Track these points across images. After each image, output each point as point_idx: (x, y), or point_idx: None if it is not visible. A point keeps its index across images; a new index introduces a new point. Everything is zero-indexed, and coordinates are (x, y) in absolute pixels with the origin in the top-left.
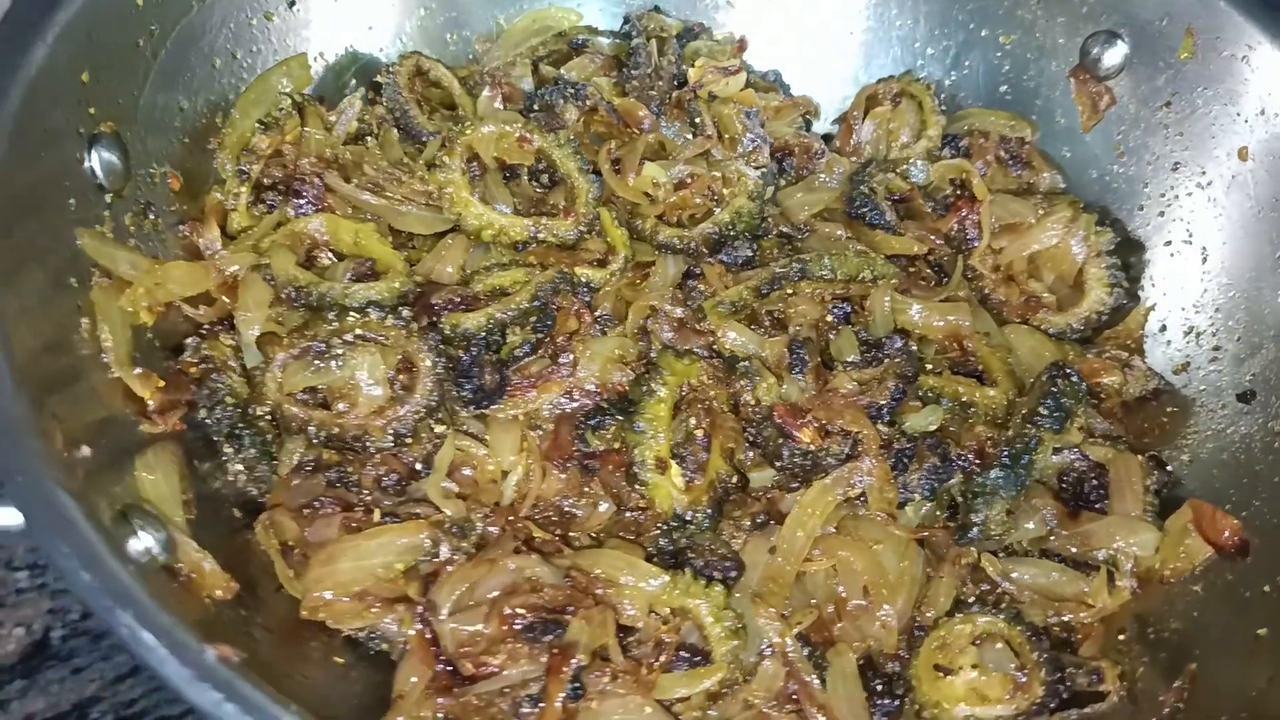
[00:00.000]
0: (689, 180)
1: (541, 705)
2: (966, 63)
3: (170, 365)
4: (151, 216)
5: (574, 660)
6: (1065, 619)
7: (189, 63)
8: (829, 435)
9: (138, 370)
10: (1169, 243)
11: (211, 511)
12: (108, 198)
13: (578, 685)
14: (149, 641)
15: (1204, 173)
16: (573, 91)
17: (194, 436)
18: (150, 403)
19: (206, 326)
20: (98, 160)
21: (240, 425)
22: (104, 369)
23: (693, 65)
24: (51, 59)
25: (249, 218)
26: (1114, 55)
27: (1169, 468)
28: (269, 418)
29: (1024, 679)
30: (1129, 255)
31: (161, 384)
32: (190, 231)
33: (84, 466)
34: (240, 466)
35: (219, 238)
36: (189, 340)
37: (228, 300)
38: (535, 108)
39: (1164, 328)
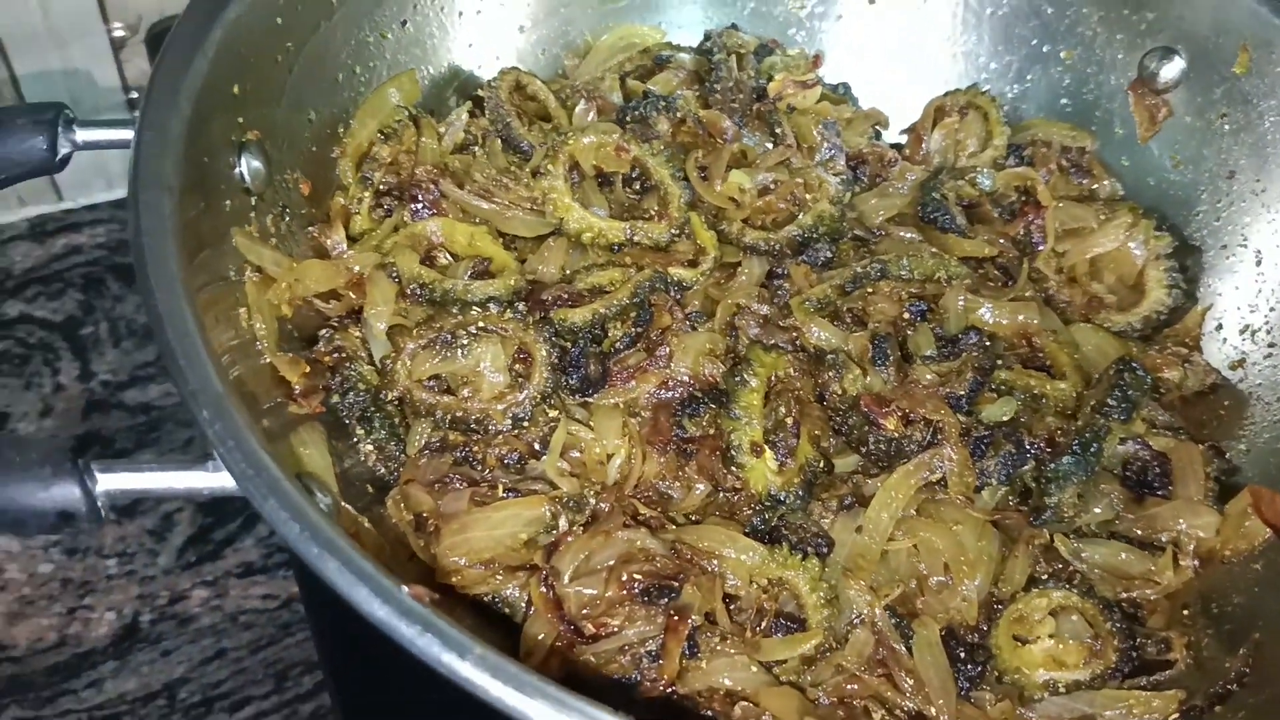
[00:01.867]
0: (773, 186)
1: (660, 661)
2: (1029, 77)
3: (306, 354)
4: (286, 219)
5: (690, 620)
6: (1133, 595)
7: (318, 78)
8: (911, 424)
9: (286, 355)
10: (1225, 246)
11: (346, 488)
12: (253, 200)
13: (693, 643)
14: (355, 582)
15: (1258, 180)
16: (664, 104)
17: (327, 420)
18: (296, 386)
19: (335, 320)
20: (246, 166)
21: (371, 409)
22: (258, 355)
23: (770, 79)
24: (211, 73)
25: (370, 221)
26: (1171, 70)
27: (1228, 456)
28: (396, 403)
29: (1099, 646)
30: (1186, 258)
31: (307, 369)
32: (319, 233)
33: (270, 437)
34: (371, 447)
35: (344, 239)
36: (323, 332)
37: (354, 296)
38: (629, 120)
39: (1220, 326)
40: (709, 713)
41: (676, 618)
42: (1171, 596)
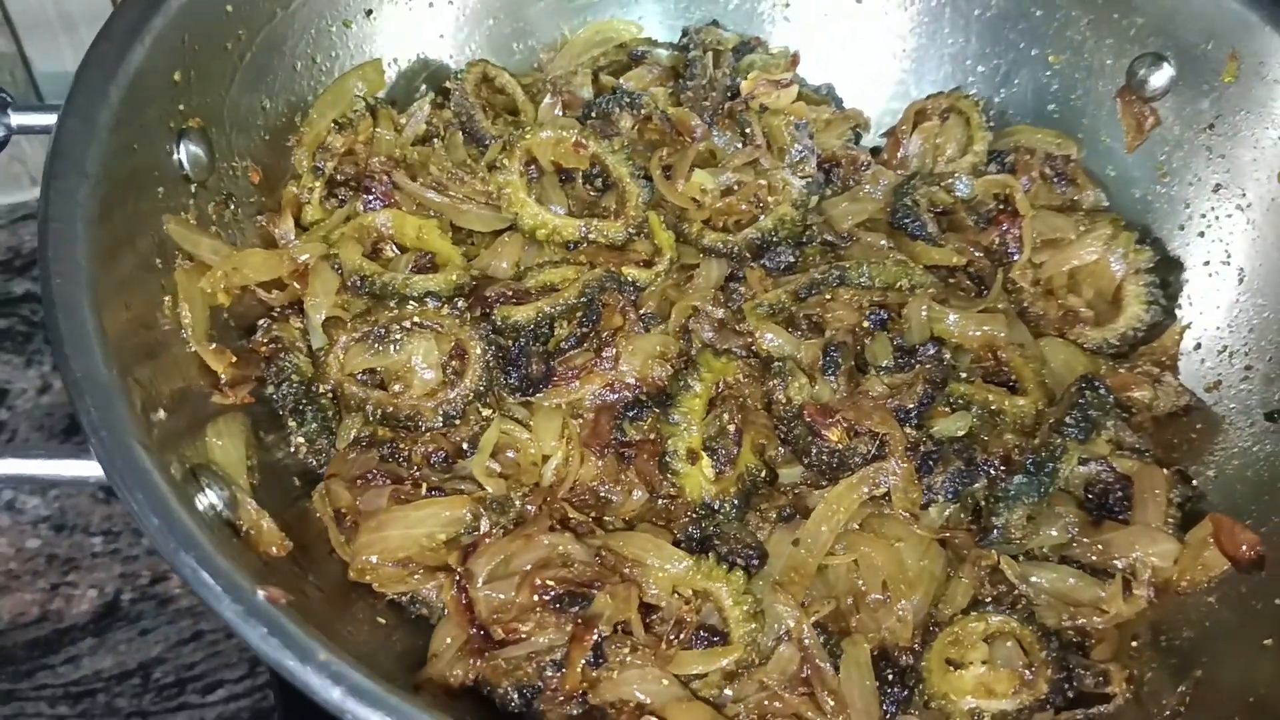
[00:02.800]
0: (735, 187)
1: (564, 670)
2: (1016, 81)
3: (243, 344)
4: (232, 207)
5: (596, 630)
6: (1080, 623)
7: (272, 66)
8: (857, 435)
9: (212, 345)
10: (1207, 263)
11: (273, 479)
12: (193, 188)
13: (599, 654)
14: (208, 581)
15: (1244, 195)
16: (628, 101)
17: (261, 410)
18: (223, 376)
19: (278, 309)
20: (185, 153)
21: (304, 401)
22: (183, 344)
23: (745, 78)
24: (149, 61)
25: (321, 211)
26: (1160, 77)
27: (1194, 482)
28: (330, 395)
29: (1031, 676)
30: (1168, 274)
31: (234, 359)
32: (267, 222)
33: (160, 428)
34: (302, 439)
35: (293, 229)
36: (261, 321)
37: (298, 286)
38: (593, 115)
39: (1198, 345)
40: None
41: (583, 627)
42: (1122, 626)
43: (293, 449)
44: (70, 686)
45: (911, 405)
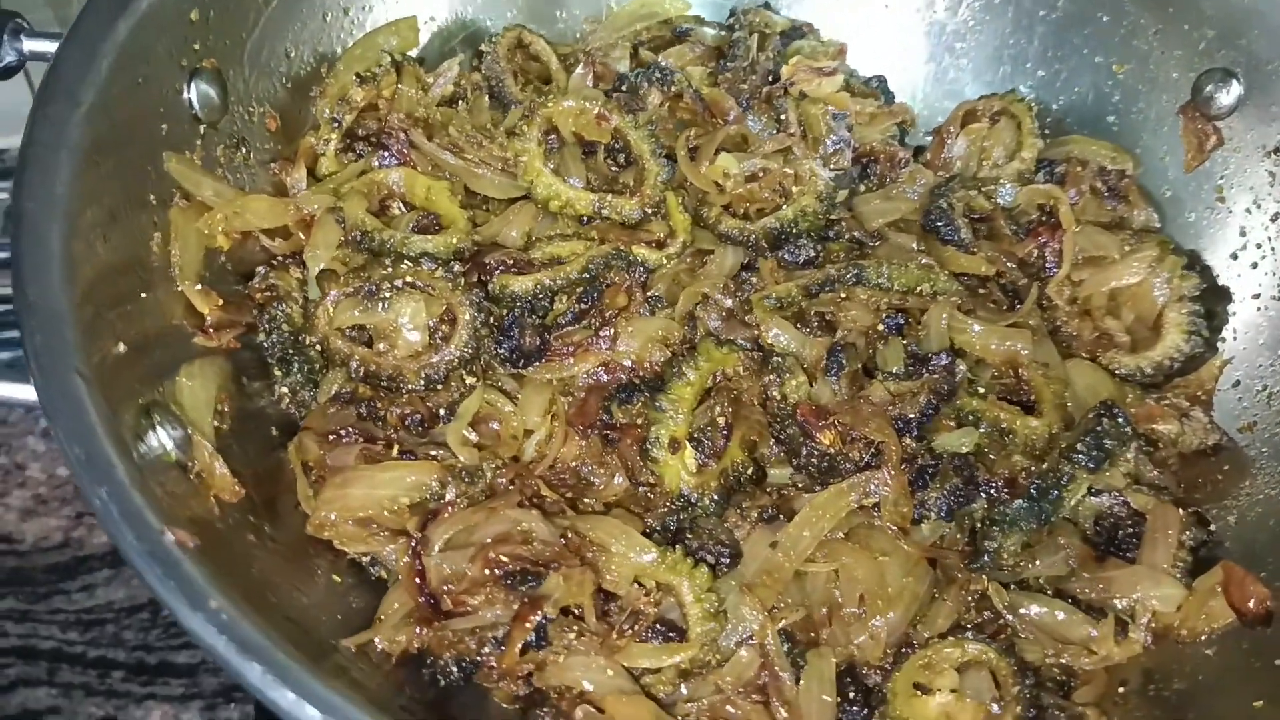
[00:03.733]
0: (761, 174)
1: (504, 648)
2: (1077, 88)
3: (239, 289)
4: (244, 151)
5: (541, 611)
6: (1066, 662)
7: (299, 13)
8: (851, 441)
9: (198, 287)
10: (1258, 295)
11: (253, 427)
12: (201, 128)
13: (541, 636)
14: (115, 516)
15: None
16: (659, 76)
17: (251, 357)
18: (208, 318)
19: (280, 258)
20: (196, 93)
21: (292, 351)
22: (170, 283)
23: (789, 63)
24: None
25: (337, 163)
26: (1227, 95)
27: (1212, 527)
28: (318, 348)
29: (998, 711)
30: (1216, 303)
31: (220, 302)
32: (280, 170)
33: (115, 362)
34: (286, 389)
35: (305, 178)
36: (260, 268)
37: (303, 236)
38: (623, 89)
39: (1238, 383)
40: (552, 711)
41: (528, 606)
42: (1112, 670)
43: (276, 398)
44: (82, 614)
45: (913, 415)
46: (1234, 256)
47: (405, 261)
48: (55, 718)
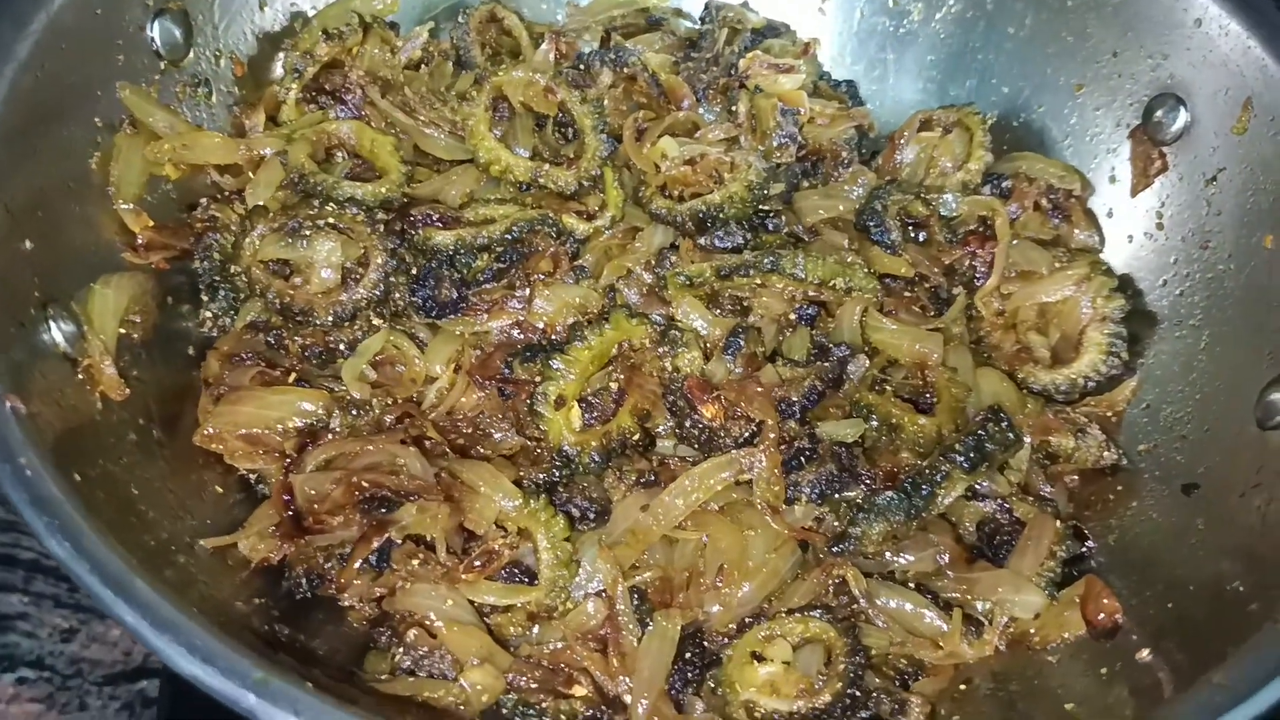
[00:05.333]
0: (698, 159)
1: (345, 564)
2: (1039, 106)
3: (183, 216)
4: (205, 91)
5: (386, 535)
6: (915, 654)
7: None
8: (735, 418)
9: (130, 207)
10: (1180, 323)
11: (171, 344)
12: (162, 64)
13: (383, 558)
14: None
15: (1229, 255)
16: (612, 58)
17: (184, 281)
18: (139, 237)
19: (227, 192)
20: (159, 31)
21: (219, 279)
22: (107, 200)
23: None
24: None
25: (297, 112)
26: (1175, 120)
27: (1090, 543)
28: (245, 279)
29: (820, 685)
30: (1142, 327)
31: (151, 224)
32: (241, 113)
33: (22, 256)
34: (210, 314)
35: (263, 123)
36: (203, 200)
37: (252, 175)
38: (578, 66)
39: (1148, 406)
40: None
41: (375, 528)
42: (960, 668)
43: (200, 321)
44: None
45: (796, 398)
46: (1164, 282)
47: (331, 204)
48: (24, 623)
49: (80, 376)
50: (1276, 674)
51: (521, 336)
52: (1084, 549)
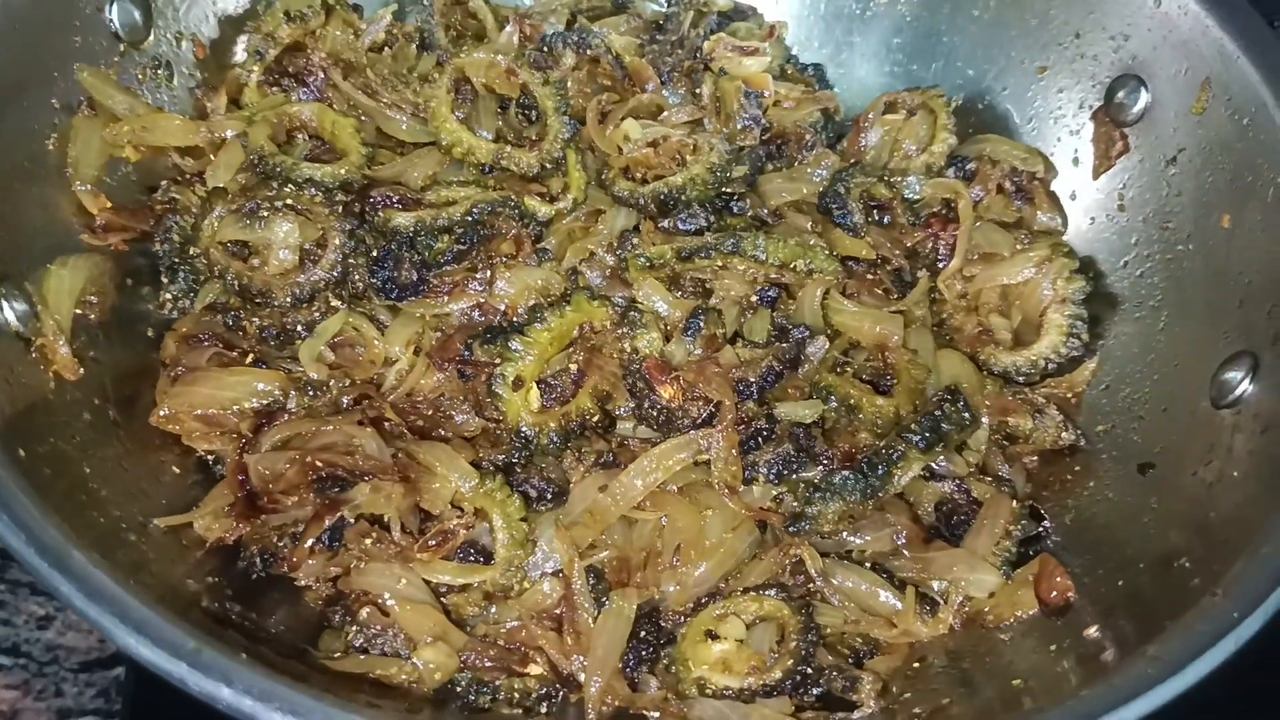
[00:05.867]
0: (661, 141)
1: (297, 543)
2: (1003, 89)
3: (143, 199)
4: (165, 74)
5: (339, 513)
6: (869, 632)
7: None
8: (693, 399)
9: (87, 188)
10: (1140, 304)
11: (130, 325)
12: (121, 47)
13: (335, 537)
14: None
15: (1188, 236)
16: (575, 40)
17: (144, 263)
18: (98, 219)
19: (188, 175)
20: (118, 13)
21: (179, 260)
22: (64, 182)
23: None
24: None
25: (259, 95)
26: (1137, 102)
27: (1046, 522)
28: (204, 261)
29: (771, 662)
30: (1103, 308)
31: (109, 205)
32: (203, 95)
33: None
34: (169, 296)
35: (225, 105)
36: (164, 182)
37: (214, 157)
38: (542, 48)
39: (1108, 387)
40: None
41: (328, 507)
42: (915, 646)
43: (160, 303)
44: None
45: (753, 379)
46: (1124, 264)
47: (291, 186)
48: (0, 611)
49: (33, 355)
50: (1209, 646)
51: (483, 318)
52: (1040, 529)
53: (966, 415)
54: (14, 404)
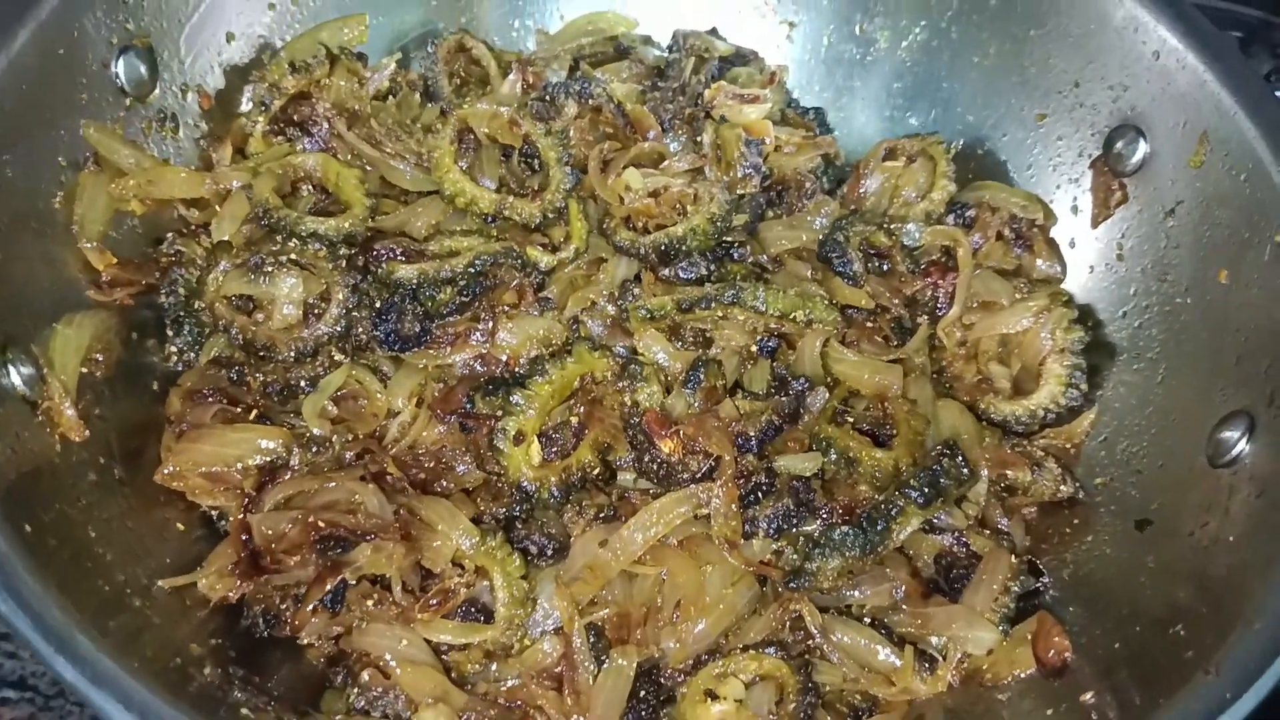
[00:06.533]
0: (662, 191)
1: (300, 605)
2: (1003, 135)
3: (149, 251)
4: (171, 126)
5: (340, 576)
6: (868, 690)
7: (246, 1)
8: (693, 452)
9: (92, 245)
10: (1138, 355)
11: (135, 380)
12: (127, 101)
13: (337, 598)
14: None
15: (1186, 289)
16: (577, 89)
17: (151, 316)
18: (104, 275)
19: (193, 226)
20: (124, 68)
21: (184, 314)
22: (70, 239)
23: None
24: None
25: (265, 145)
26: (1135, 152)
27: (1045, 578)
28: (210, 314)
29: None
30: (1102, 359)
31: (115, 261)
32: (209, 146)
33: None
34: (175, 349)
35: (230, 156)
36: (169, 235)
37: (220, 209)
38: (544, 98)
39: (1105, 439)
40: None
41: (330, 569)
42: (914, 704)
43: (165, 356)
44: None
45: (753, 433)
46: (1123, 314)
47: (295, 240)
48: (6, 644)
49: (39, 419)
50: None
51: (485, 369)
52: (1038, 584)
53: (965, 470)
54: (19, 471)
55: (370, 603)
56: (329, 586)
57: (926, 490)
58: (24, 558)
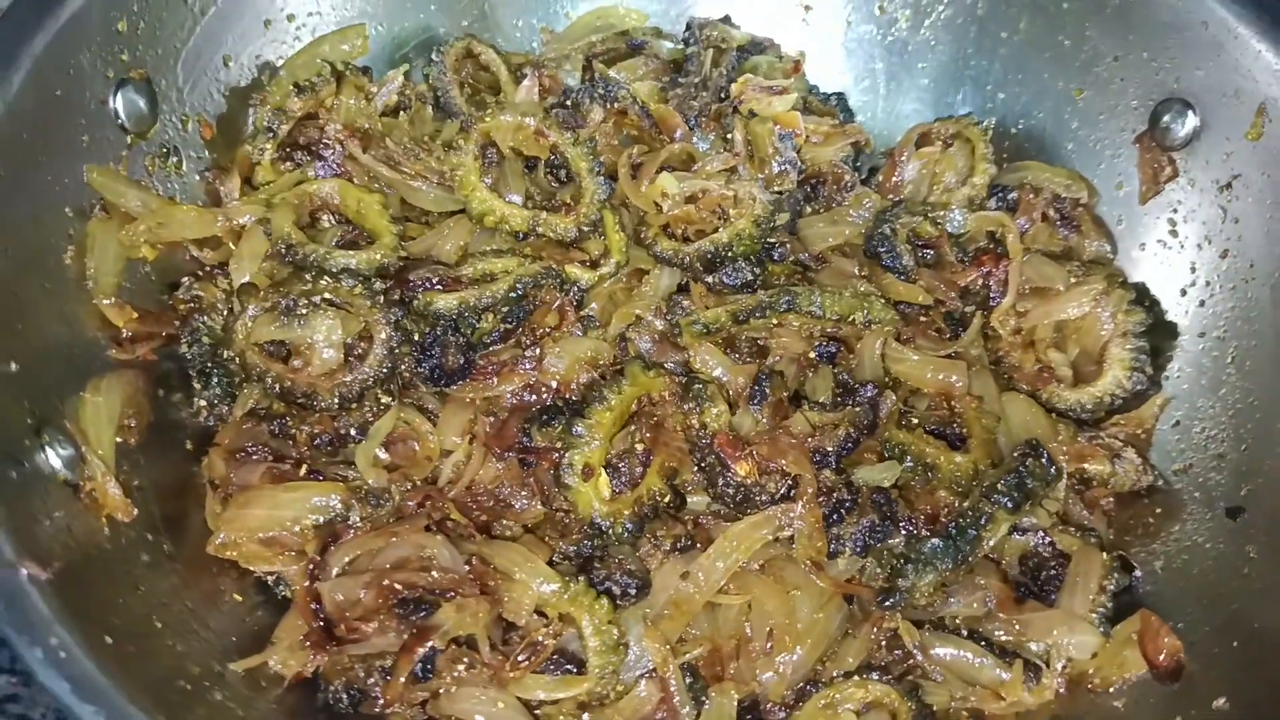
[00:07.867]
0: (700, 195)
1: (390, 678)
2: (1038, 113)
3: (164, 299)
4: (175, 160)
5: (429, 643)
6: (975, 705)
7: (240, 21)
8: (769, 473)
9: (111, 301)
10: (1203, 334)
11: (167, 439)
12: (128, 139)
13: (428, 667)
14: None
15: (1251, 266)
16: (602, 92)
17: (173, 368)
18: (124, 331)
19: (208, 268)
20: (122, 104)
21: (211, 364)
22: (84, 295)
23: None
24: (85, 9)
25: (274, 173)
26: (1183, 126)
27: (1137, 572)
28: (238, 362)
29: None
30: (1162, 340)
31: (135, 315)
32: (215, 179)
33: (4, 380)
34: (204, 402)
35: (239, 188)
36: (185, 279)
37: (234, 246)
38: (566, 103)
39: (1178, 424)
40: None
41: (417, 636)
42: (1022, 715)
43: (194, 411)
44: None
45: (831, 448)
46: (1183, 292)
47: (326, 277)
48: (15, 705)
49: (84, 501)
50: None
51: (534, 398)
52: (1131, 580)
53: (1051, 470)
54: (80, 570)
55: (461, 668)
56: (419, 655)
57: (1015, 494)
58: (102, 667)
